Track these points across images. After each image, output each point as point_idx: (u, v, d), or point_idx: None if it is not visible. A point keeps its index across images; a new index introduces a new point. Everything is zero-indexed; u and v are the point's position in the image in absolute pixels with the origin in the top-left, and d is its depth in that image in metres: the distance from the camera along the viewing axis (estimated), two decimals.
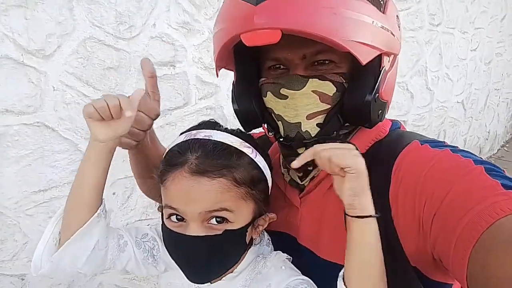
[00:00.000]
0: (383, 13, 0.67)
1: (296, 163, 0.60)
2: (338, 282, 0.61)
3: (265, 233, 0.79)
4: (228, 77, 1.90)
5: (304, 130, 0.70)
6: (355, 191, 0.58)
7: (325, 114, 0.70)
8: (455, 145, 0.67)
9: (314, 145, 0.61)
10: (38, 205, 1.59)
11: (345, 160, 0.58)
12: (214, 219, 0.66)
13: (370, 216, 0.58)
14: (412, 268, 0.66)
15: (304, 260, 0.75)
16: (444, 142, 0.69)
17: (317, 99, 0.68)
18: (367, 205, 0.59)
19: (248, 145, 0.72)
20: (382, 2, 0.68)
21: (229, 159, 0.67)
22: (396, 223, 0.65)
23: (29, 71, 1.47)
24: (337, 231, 0.70)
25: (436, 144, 0.68)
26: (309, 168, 0.76)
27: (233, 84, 0.80)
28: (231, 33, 0.64)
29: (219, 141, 0.69)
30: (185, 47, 1.91)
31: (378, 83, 0.68)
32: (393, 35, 0.69)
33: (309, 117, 0.69)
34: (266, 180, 0.74)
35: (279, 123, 0.72)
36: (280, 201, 0.82)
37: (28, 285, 1.64)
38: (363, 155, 0.72)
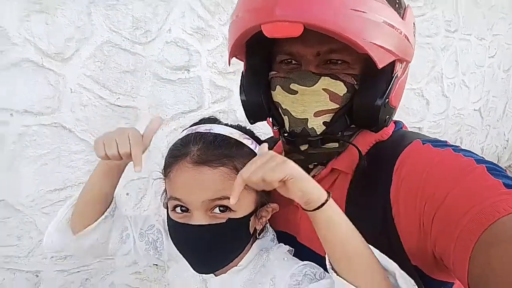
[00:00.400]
0: (403, 19, 0.67)
1: (232, 200, 0.58)
2: (331, 275, 0.60)
3: (270, 229, 0.80)
4: None
5: (310, 127, 0.69)
6: (302, 190, 0.57)
7: (333, 114, 0.69)
8: (457, 145, 0.67)
9: (240, 172, 0.59)
10: (54, 203, 1.63)
11: (278, 173, 0.55)
12: (217, 208, 0.67)
13: (327, 200, 0.57)
14: (413, 267, 0.65)
15: (304, 258, 0.75)
16: (446, 141, 0.69)
17: (327, 98, 0.68)
18: (319, 193, 0.57)
19: (248, 137, 0.73)
20: (402, 8, 0.68)
21: (229, 149, 0.69)
22: (397, 222, 0.64)
23: (48, 73, 1.53)
24: None
25: (438, 143, 0.68)
26: (309, 167, 0.76)
27: (242, 74, 0.80)
28: (251, 23, 0.64)
29: (220, 133, 0.71)
30: (199, 52, 1.94)
31: (389, 88, 0.68)
32: (409, 42, 0.69)
33: (317, 114, 0.69)
34: None
35: (285, 117, 0.72)
36: (280, 199, 0.82)
37: (42, 281, 1.68)
38: (365, 155, 0.73)
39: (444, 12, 3.23)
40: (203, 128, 0.72)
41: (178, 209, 0.69)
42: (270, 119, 0.79)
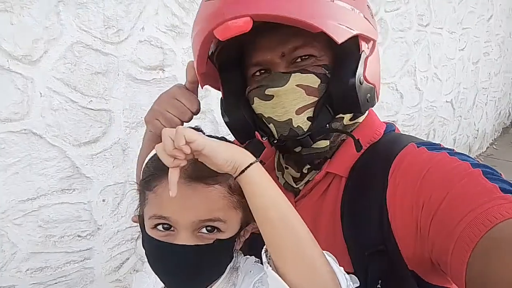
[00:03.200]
0: None
1: (172, 193, 0.55)
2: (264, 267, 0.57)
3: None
4: None
5: (296, 126, 0.69)
6: (225, 158, 0.55)
7: (314, 107, 0.69)
8: (451, 148, 0.67)
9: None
10: (27, 214, 1.56)
11: (185, 138, 0.52)
12: (205, 228, 0.63)
13: (251, 164, 0.56)
14: (410, 272, 0.65)
15: None
16: (440, 145, 0.69)
17: (303, 93, 0.68)
18: (243, 154, 0.57)
19: None
20: None
21: None
22: (393, 227, 0.64)
23: (16, 77, 1.44)
24: (333, 234, 0.70)
25: (433, 147, 0.67)
26: (304, 171, 0.76)
27: (221, 100, 0.80)
28: (205, 32, 0.64)
29: None
30: (174, 50, 1.89)
31: (359, 66, 0.68)
32: (367, 20, 0.70)
33: (298, 111, 0.68)
34: None
35: (271, 125, 0.72)
36: None
37: None
38: (359, 158, 0.72)
39: (417, 7, 3.29)
40: None
41: (160, 227, 0.64)
42: (258, 132, 0.78)
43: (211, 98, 2.04)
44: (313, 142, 0.71)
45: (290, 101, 0.68)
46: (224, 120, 0.77)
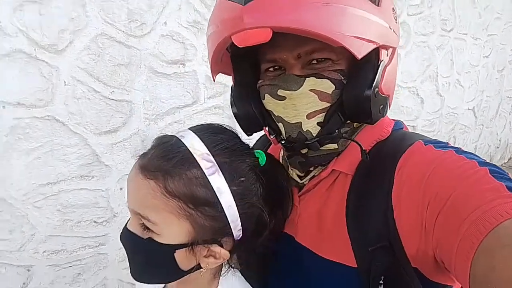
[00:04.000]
0: (378, 5, 0.66)
1: None
2: None
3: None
4: None
5: (305, 130, 0.69)
6: None
7: (325, 113, 0.68)
8: (458, 147, 0.67)
9: None
10: (47, 197, 1.62)
11: None
12: (142, 222, 0.62)
13: None
14: (413, 269, 0.64)
15: (302, 258, 0.74)
16: (447, 143, 0.68)
17: (316, 98, 0.67)
18: None
19: (212, 159, 0.62)
20: None
21: (174, 165, 0.61)
22: (398, 224, 0.63)
23: (42, 65, 1.50)
24: (336, 228, 0.70)
25: (440, 145, 0.67)
26: (310, 169, 0.76)
27: (231, 88, 0.80)
28: (222, 35, 0.64)
29: (182, 144, 0.63)
30: (195, 46, 1.93)
31: (376, 77, 0.66)
32: (390, 28, 0.68)
33: (309, 116, 0.68)
34: (221, 208, 0.62)
35: (280, 124, 0.71)
36: None
37: (34, 276, 1.66)
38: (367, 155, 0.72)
39: (441, 11, 3.24)
40: (180, 133, 0.66)
41: None
42: (267, 128, 0.78)
43: (229, 93, 2.06)
44: (320, 146, 0.71)
45: (302, 105, 0.67)
46: (233, 111, 0.77)
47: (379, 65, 0.67)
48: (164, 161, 0.61)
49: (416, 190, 0.62)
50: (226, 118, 2.11)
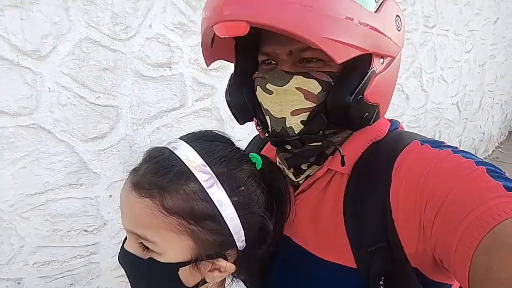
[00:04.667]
0: (375, 12, 0.65)
1: None
2: None
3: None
4: (224, 79, 1.89)
5: (288, 126, 0.69)
6: None
7: (309, 112, 0.68)
8: (455, 146, 0.67)
9: None
10: (35, 207, 1.57)
11: None
12: (141, 242, 0.59)
13: None
14: (413, 269, 0.65)
15: (299, 259, 0.74)
16: (444, 142, 0.68)
17: (302, 97, 0.67)
18: None
19: (209, 171, 0.59)
20: (376, 1, 0.66)
21: (170, 180, 0.57)
22: (397, 225, 0.63)
23: (25, 72, 1.46)
24: (333, 229, 0.69)
25: (437, 144, 0.67)
26: (302, 168, 0.75)
27: (231, 76, 0.80)
28: (206, 24, 0.65)
29: (176, 157, 0.60)
30: (181, 48, 1.90)
31: (361, 84, 0.65)
32: (386, 36, 0.66)
33: (294, 113, 0.68)
34: (223, 221, 0.60)
35: (267, 117, 0.72)
36: None
37: None
38: (362, 155, 0.71)
39: (424, 8, 3.28)
40: (172, 144, 0.63)
41: None
42: (256, 119, 0.78)
43: (217, 96, 2.05)
44: (303, 145, 0.70)
45: (287, 102, 0.67)
46: (226, 99, 0.78)
47: (368, 71, 0.66)
48: (159, 176, 0.58)
49: (414, 190, 0.61)
50: (215, 121, 2.09)
